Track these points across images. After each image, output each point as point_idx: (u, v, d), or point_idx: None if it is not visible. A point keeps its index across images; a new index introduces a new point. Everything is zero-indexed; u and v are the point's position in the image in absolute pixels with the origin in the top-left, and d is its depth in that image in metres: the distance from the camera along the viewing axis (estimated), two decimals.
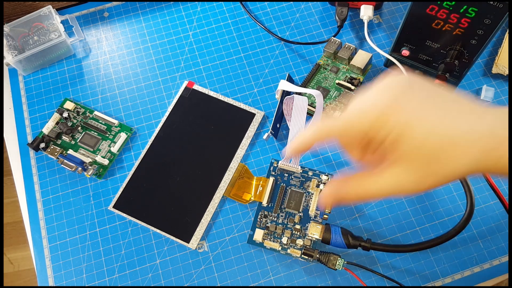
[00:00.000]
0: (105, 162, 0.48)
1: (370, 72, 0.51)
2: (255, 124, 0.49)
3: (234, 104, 0.50)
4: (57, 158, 0.48)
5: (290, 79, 0.50)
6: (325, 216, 0.43)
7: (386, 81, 0.28)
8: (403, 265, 0.43)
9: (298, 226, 0.43)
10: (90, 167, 0.48)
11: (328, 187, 0.30)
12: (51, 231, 0.46)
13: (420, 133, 0.26)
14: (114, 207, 0.46)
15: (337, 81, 0.49)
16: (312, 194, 0.44)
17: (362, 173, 0.29)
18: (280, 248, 0.43)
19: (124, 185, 0.47)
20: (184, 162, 0.48)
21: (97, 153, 0.49)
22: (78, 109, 0.51)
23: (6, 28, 0.53)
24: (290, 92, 0.49)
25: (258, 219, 0.44)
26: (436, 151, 0.26)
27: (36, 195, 0.48)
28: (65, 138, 0.50)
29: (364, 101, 0.28)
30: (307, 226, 0.43)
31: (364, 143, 0.28)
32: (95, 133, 0.50)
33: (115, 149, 0.49)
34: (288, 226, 0.43)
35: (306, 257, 0.42)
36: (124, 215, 0.46)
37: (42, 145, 0.49)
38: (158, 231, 0.45)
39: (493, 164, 0.26)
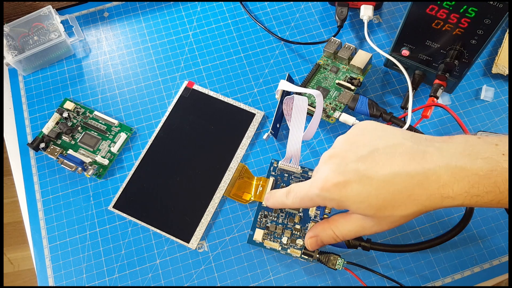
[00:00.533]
0: (105, 162, 0.48)
1: (370, 72, 0.51)
2: (255, 124, 0.49)
3: (234, 104, 0.50)
4: (57, 158, 0.48)
5: (290, 79, 0.50)
6: (325, 216, 0.43)
7: (327, 156, 0.32)
8: (403, 265, 0.43)
9: (298, 226, 0.43)
10: (90, 167, 0.48)
11: (308, 234, 0.38)
12: (51, 231, 0.46)
13: (362, 193, 0.29)
14: (114, 207, 0.46)
15: (337, 81, 0.49)
16: None
17: (334, 219, 0.35)
18: (280, 248, 0.43)
19: (124, 185, 0.47)
20: (184, 162, 0.48)
21: (97, 153, 0.49)
22: (78, 109, 0.51)
23: (6, 28, 0.53)
24: (290, 92, 0.49)
25: (258, 219, 0.44)
26: (381, 204, 0.29)
27: (36, 195, 0.48)
28: (65, 138, 0.50)
29: (314, 180, 0.32)
30: (307, 226, 0.43)
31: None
32: (95, 133, 0.50)
33: (115, 149, 0.49)
34: (288, 226, 0.43)
35: (306, 257, 0.42)
36: (124, 215, 0.46)
37: (42, 145, 0.49)
38: (158, 231, 0.45)
39: (438, 203, 0.28)
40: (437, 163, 0.27)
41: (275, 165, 0.46)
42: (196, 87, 0.51)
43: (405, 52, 0.45)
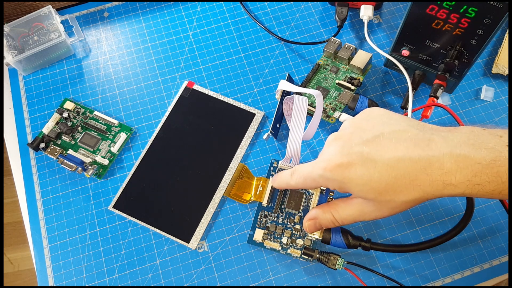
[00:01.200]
0: (105, 162, 0.48)
1: (370, 72, 0.51)
2: (255, 124, 0.49)
3: (234, 104, 0.50)
4: (57, 158, 0.48)
5: (290, 79, 0.50)
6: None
7: (331, 138, 0.33)
8: (403, 265, 0.43)
9: (298, 226, 0.43)
10: (90, 167, 0.48)
11: (307, 216, 0.38)
12: (51, 231, 0.46)
13: (364, 175, 0.29)
14: (114, 207, 0.46)
15: (337, 81, 0.49)
16: (312, 194, 0.44)
17: (335, 202, 0.35)
18: (280, 248, 0.43)
19: (124, 185, 0.47)
20: (184, 162, 0.48)
21: (97, 153, 0.49)
22: (78, 109, 0.51)
23: (6, 28, 0.53)
24: (290, 92, 0.49)
25: (258, 219, 0.44)
26: (383, 188, 0.29)
27: (36, 195, 0.48)
28: (65, 138, 0.50)
29: (320, 159, 0.33)
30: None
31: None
32: (95, 133, 0.50)
33: (115, 149, 0.49)
34: (288, 226, 0.43)
35: (306, 257, 0.42)
36: (124, 215, 0.46)
37: (42, 145, 0.49)
38: (158, 231, 0.45)
39: (440, 190, 0.28)
40: (441, 151, 0.27)
41: (275, 165, 0.46)
42: (196, 87, 0.51)
43: (405, 52, 0.45)
